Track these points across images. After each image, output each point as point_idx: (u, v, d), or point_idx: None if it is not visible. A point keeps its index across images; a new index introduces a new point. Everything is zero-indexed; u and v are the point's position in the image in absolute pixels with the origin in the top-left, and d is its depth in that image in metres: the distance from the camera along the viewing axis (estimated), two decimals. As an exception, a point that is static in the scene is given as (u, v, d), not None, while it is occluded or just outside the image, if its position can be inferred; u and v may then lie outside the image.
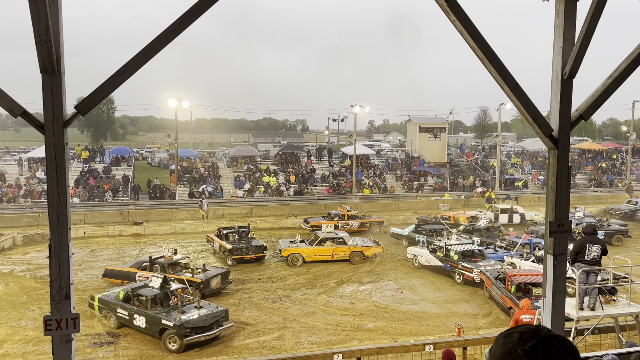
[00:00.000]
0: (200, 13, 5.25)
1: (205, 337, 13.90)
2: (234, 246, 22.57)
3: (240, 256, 22.49)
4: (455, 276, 19.90)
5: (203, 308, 14.51)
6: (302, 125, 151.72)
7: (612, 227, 26.69)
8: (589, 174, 46.53)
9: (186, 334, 13.59)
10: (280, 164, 43.47)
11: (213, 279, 17.93)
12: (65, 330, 4.97)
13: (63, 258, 5.02)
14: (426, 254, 21.56)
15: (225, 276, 18.67)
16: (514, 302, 15.36)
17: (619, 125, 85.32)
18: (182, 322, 13.61)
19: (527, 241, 22.35)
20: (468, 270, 19.20)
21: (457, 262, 19.79)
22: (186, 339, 13.61)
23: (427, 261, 21.42)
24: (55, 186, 4.97)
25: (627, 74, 6.18)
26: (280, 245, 23.29)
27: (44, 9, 4.52)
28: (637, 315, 10.78)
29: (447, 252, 20.41)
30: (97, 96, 5.20)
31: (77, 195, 34.28)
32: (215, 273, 18.31)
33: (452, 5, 5.55)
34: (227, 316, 14.77)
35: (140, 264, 19.06)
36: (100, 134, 72.47)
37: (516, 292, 15.66)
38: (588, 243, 10.79)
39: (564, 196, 6.37)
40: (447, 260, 20.31)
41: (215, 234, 24.53)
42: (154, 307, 14.55)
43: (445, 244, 21.06)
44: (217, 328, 14.24)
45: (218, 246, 23.70)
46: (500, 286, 16.73)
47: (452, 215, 29.28)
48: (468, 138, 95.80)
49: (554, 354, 1.53)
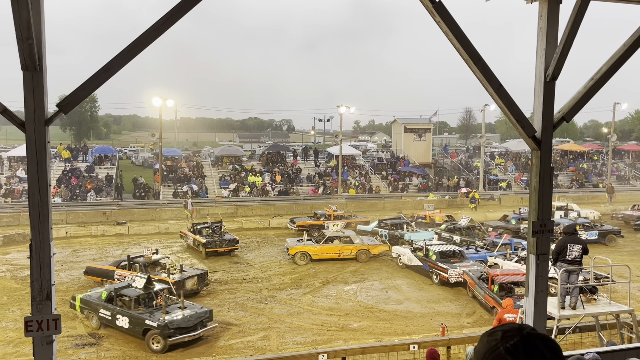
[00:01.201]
0: (185, 12, 5.22)
1: (189, 338, 13.78)
2: (207, 240, 23.65)
3: (214, 249, 23.57)
4: (433, 276, 19.90)
5: (187, 309, 14.39)
6: (288, 125, 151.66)
7: (605, 227, 27.02)
8: (570, 174, 47.17)
9: (170, 334, 13.48)
10: (266, 163, 43.37)
11: (188, 280, 17.62)
12: (47, 332, 4.91)
13: (44, 258, 4.95)
14: (408, 254, 21.65)
15: (202, 278, 18.31)
16: (497, 302, 15.49)
17: (600, 127, 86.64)
18: (165, 323, 13.48)
19: (508, 241, 22.57)
20: (443, 270, 19.24)
21: (435, 262, 19.81)
22: (169, 340, 13.51)
23: (409, 261, 21.52)
24: (36, 185, 4.90)
25: (607, 77, 6.28)
26: (288, 244, 23.42)
27: (25, 5, 4.45)
28: (618, 314, 10.95)
29: (427, 252, 20.56)
30: (80, 94, 5.14)
31: (59, 195, 33.83)
32: (192, 274, 18.02)
33: (437, 6, 5.59)
34: (211, 317, 14.67)
35: (119, 262, 19.19)
36: (83, 132, 71.70)
37: (499, 292, 15.82)
38: (569, 243, 10.93)
39: (547, 196, 6.45)
40: (426, 260, 20.36)
41: (189, 229, 25.39)
42: (137, 307, 14.41)
43: (425, 244, 21.18)
44: (201, 329, 14.15)
45: (192, 241, 24.62)
46: (483, 286, 16.83)
47: (428, 214, 29.51)
48: (452, 139, 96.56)
49: (536, 352, 1.55)
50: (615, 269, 15.24)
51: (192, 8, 5.21)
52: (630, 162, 51.24)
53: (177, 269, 18.30)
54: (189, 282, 17.63)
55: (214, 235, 24.21)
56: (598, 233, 26.05)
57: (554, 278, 12.65)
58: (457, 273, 18.98)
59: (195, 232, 24.55)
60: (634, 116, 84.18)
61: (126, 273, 17.99)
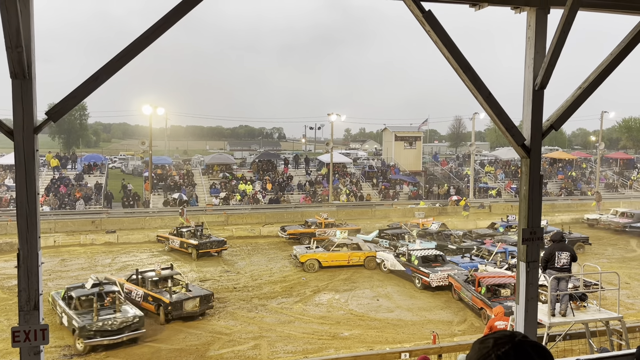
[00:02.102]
0: (175, 21, 5.22)
1: (107, 341, 14.07)
2: (200, 242, 24.75)
3: (206, 250, 24.70)
4: (415, 281, 20.20)
5: (121, 312, 14.77)
6: (279, 133, 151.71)
7: (573, 235, 27.03)
8: (559, 182, 47.55)
9: (89, 336, 13.93)
10: (257, 171, 43.29)
11: (188, 301, 16.24)
12: (34, 342, 4.84)
13: (32, 267, 4.89)
14: (391, 259, 22.03)
15: (206, 299, 16.74)
16: (485, 303, 16.16)
17: (588, 136, 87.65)
18: (84, 325, 14.02)
19: (503, 249, 22.67)
20: (425, 274, 19.53)
21: (417, 267, 20.14)
22: (87, 341, 13.88)
23: (393, 266, 21.91)
24: (24, 194, 4.85)
25: (595, 86, 6.36)
26: (296, 252, 23.49)
27: (15, 12, 4.43)
28: (607, 321, 11.01)
29: (410, 257, 20.77)
30: (70, 102, 5.11)
31: (48, 203, 33.52)
32: (195, 295, 16.59)
33: (427, 15, 5.64)
34: (142, 323, 14.75)
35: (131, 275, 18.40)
36: (72, 140, 71.22)
37: (486, 293, 16.38)
38: (557, 250, 10.99)
39: (536, 204, 6.49)
40: (409, 265, 20.67)
41: (172, 232, 26.35)
42: (84, 307, 14.96)
43: (407, 249, 21.44)
44: (127, 333, 14.32)
45: (178, 244, 25.52)
46: (470, 288, 17.28)
47: (422, 222, 29.65)
48: (443, 147, 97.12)
49: (527, 359, 1.55)
50: (604, 276, 15.34)
51: (182, 17, 5.21)
52: (618, 170, 51.77)
53: (183, 286, 17.16)
54: (188, 303, 16.24)
55: (202, 237, 25.17)
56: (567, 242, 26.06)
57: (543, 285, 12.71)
58: (438, 277, 19.35)
59: (180, 236, 25.62)
60: (621, 125, 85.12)
61: (133, 287, 17.37)
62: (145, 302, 16.79)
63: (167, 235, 26.58)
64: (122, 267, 23.31)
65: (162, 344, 14.78)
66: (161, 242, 27.14)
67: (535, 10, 6.10)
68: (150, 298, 16.64)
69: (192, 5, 5.21)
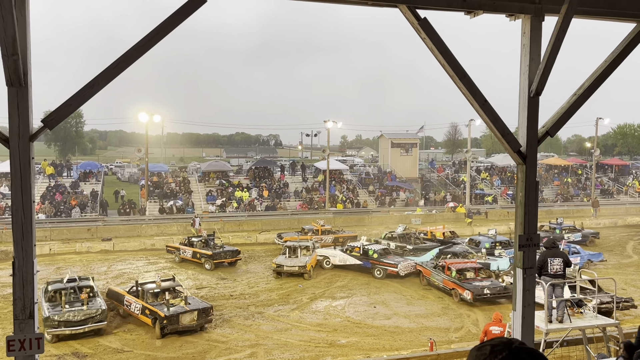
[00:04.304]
0: (171, 29, 5.23)
1: (69, 332, 15.09)
2: (214, 251, 24.04)
3: (220, 260, 24.11)
4: (375, 272, 22.57)
5: (87, 305, 15.74)
6: (275, 140, 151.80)
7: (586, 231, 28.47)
8: (555, 189, 47.68)
9: (53, 325, 14.87)
10: (253, 178, 43.27)
11: (185, 314, 15.66)
12: (29, 351, 4.81)
13: (27, 276, 4.87)
14: (340, 255, 23.82)
15: (204, 312, 16.09)
16: (456, 284, 19.35)
17: (583, 142, 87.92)
18: (48, 315, 15.01)
19: (566, 247, 23.81)
20: (392, 265, 22.14)
21: (378, 260, 22.64)
22: (51, 330, 14.81)
23: (342, 261, 23.64)
24: (20, 202, 4.84)
25: (590, 92, 6.39)
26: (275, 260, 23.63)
27: (11, 21, 4.43)
28: (604, 327, 11.01)
29: (366, 251, 23.11)
30: (65, 110, 5.11)
31: (43, 211, 33.38)
32: (193, 308, 15.95)
33: (422, 23, 5.67)
34: (104, 316, 15.64)
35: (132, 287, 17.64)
36: (68, 148, 71.04)
37: (456, 276, 19.57)
38: (549, 257, 10.98)
39: (532, 210, 6.51)
40: (367, 259, 23.01)
41: (182, 242, 25.79)
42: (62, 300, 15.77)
43: (362, 245, 23.80)
44: (90, 324, 15.27)
45: (190, 254, 24.92)
46: (440, 273, 20.43)
47: (430, 230, 29.55)
48: (439, 153, 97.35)
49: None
50: (600, 282, 15.34)
51: (177, 26, 5.23)
52: (613, 176, 51.98)
53: (182, 299, 16.41)
54: (185, 317, 15.66)
55: (215, 247, 24.68)
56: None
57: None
58: (405, 265, 22.25)
59: (191, 245, 25.06)
60: (616, 131, 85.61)
61: (132, 299, 16.80)
62: (143, 315, 16.17)
63: (178, 245, 25.70)
64: (118, 275, 23.20)
65: (158, 352, 14.70)
66: (171, 253, 25.99)
67: (530, 18, 6.14)
68: (148, 311, 15.98)
69: (188, 14, 5.23)
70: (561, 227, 30.37)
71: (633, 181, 50.81)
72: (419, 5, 5.66)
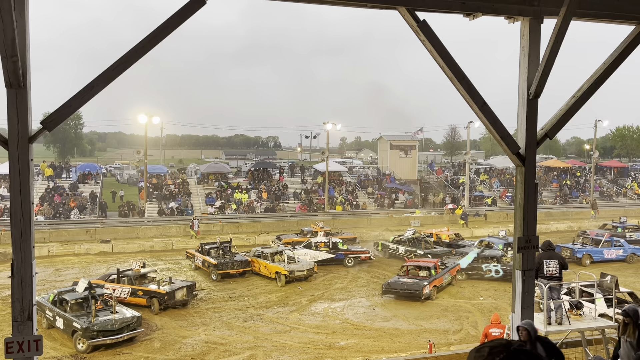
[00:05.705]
0: (169, 31, 5.24)
1: (111, 340, 14.80)
2: (219, 261, 22.47)
3: (225, 271, 22.37)
4: (347, 261, 25.00)
5: (118, 314, 15.41)
6: (275, 142, 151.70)
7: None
8: (554, 191, 47.70)
9: (92, 336, 14.53)
10: (252, 180, 43.26)
11: (178, 291, 18.40)
12: (27, 353, 4.80)
13: (26, 278, 4.86)
14: (311, 252, 24.72)
15: (190, 289, 19.04)
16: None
17: (582, 144, 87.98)
18: (88, 325, 14.58)
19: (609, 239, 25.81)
20: (365, 252, 25.61)
21: (350, 250, 25.64)
22: (92, 341, 14.48)
23: (313, 258, 24.29)
24: (18, 203, 4.83)
25: (589, 94, 6.40)
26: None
27: (10, 22, 4.43)
28: (603, 329, 11.01)
29: (336, 245, 25.48)
30: (65, 111, 5.11)
31: (42, 213, 33.34)
32: (181, 285, 18.79)
33: (422, 25, 5.68)
34: (139, 322, 15.55)
35: (108, 276, 19.75)
36: (67, 150, 71.04)
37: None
38: (545, 259, 10.96)
39: (531, 212, 6.51)
40: (340, 251, 25.24)
41: (197, 249, 24.38)
42: (79, 310, 15.39)
43: (330, 240, 25.69)
44: (127, 332, 15.07)
45: (201, 262, 23.46)
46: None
47: (435, 233, 29.38)
48: (438, 155, 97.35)
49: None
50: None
51: (176, 28, 5.23)
52: (612, 179, 52.02)
53: (167, 281, 18.89)
54: (178, 293, 18.38)
55: (224, 255, 23.02)
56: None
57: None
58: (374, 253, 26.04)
59: (204, 253, 23.40)
60: (615, 133, 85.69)
61: (115, 286, 18.45)
62: (134, 297, 18.14)
63: (193, 252, 24.45)
64: (117, 277, 23.15)
65: (156, 354, 14.67)
66: (189, 259, 25.01)
67: (529, 20, 6.15)
68: (141, 292, 18.20)
69: (187, 16, 5.24)
70: (624, 225, 31.26)
71: (632, 183, 50.86)
72: (418, 8, 5.67)
